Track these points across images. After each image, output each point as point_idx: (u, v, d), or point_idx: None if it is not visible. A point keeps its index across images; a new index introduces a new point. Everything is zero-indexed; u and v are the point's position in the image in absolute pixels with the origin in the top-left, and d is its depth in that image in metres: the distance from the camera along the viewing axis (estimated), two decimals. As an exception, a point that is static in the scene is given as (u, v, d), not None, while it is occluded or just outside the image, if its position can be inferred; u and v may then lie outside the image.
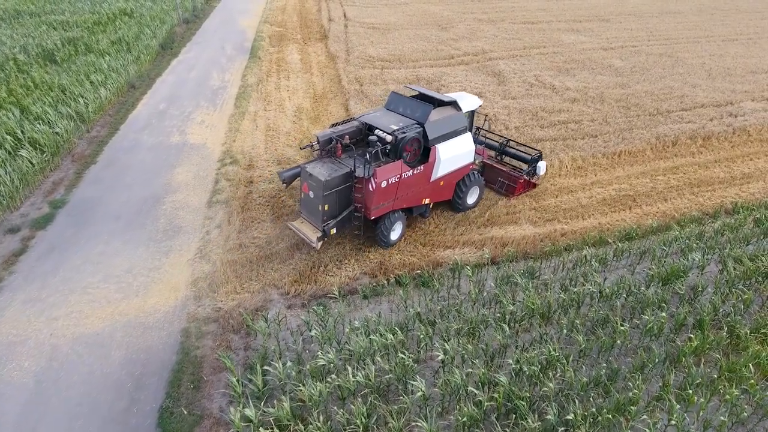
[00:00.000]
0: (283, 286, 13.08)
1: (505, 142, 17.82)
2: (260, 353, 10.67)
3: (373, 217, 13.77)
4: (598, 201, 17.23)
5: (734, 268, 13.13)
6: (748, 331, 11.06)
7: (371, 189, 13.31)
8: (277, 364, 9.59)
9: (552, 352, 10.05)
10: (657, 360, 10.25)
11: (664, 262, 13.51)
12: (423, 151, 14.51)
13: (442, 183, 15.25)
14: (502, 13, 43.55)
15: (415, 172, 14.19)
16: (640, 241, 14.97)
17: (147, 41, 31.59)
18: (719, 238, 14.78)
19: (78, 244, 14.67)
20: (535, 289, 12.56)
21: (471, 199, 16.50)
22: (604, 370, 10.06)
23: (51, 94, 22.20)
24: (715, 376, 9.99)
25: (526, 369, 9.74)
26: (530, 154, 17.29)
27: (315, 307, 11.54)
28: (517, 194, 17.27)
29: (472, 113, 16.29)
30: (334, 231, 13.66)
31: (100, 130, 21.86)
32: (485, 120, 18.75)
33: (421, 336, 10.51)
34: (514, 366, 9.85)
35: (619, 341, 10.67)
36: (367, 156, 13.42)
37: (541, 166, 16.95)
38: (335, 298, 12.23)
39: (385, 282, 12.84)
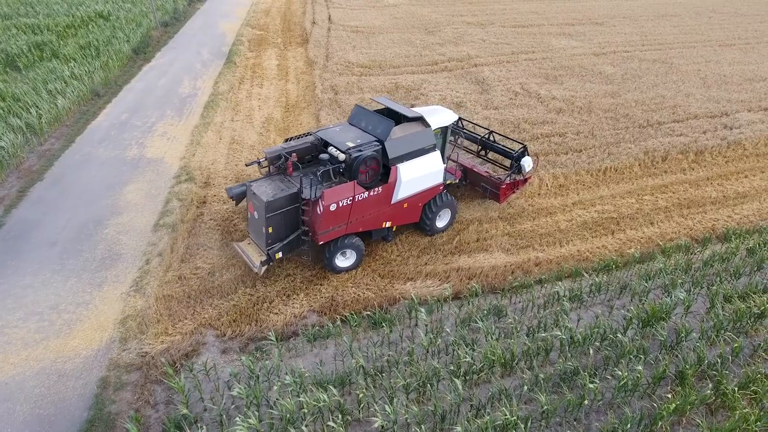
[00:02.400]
0: (220, 326, 11.76)
1: (486, 135, 16.31)
2: (176, 416, 9.35)
3: (321, 243, 12.53)
4: (578, 225, 15.89)
5: (722, 308, 11.81)
6: (736, 388, 9.73)
7: (318, 212, 12.06)
8: (187, 433, 8.28)
9: (507, 416, 8.74)
10: (630, 425, 8.92)
11: (645, 299, 12.19)
12: (384, 171, 13.22)
13: (405, 205, 13.90)
14: (492, 16, 42.16)
15: (372, 193, 12.85)
16: (620, 273, 13.64)
17: (119, 46, 30.25)
18: (707, 270, 13.44)
19: (5, 275, 13.37)
20: (499, 332, 11.24)
21: (441, 223, 15.11)
22: (568, 438, 8.76)
23: (2, 104, 20.91)
24: (696, 446, 8.69)
25: (476, 438, 8.44)
26: (514, 150, 15.59)
27: (243, 358, 10.18)
28: (503, 200, 15.86)
29: (445, 129, 14.86)
30: (279, 255, 12.49)
31: (54, 142, 20.54)
32: (461, 122, 16.95)
33: (361, 396, 9.19)
34: (463, 435, 8.54)
35: (587, 401, 9.36)
36: (318, 175, 12.14)
37: (526, 163, 15.25)
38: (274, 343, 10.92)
39: (330, 324, 11.50)
